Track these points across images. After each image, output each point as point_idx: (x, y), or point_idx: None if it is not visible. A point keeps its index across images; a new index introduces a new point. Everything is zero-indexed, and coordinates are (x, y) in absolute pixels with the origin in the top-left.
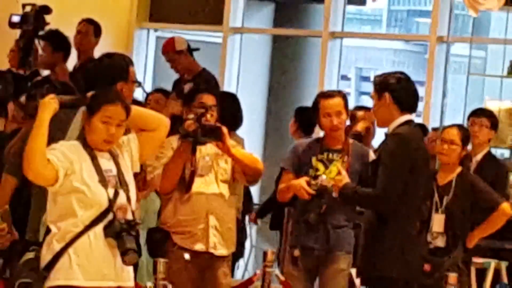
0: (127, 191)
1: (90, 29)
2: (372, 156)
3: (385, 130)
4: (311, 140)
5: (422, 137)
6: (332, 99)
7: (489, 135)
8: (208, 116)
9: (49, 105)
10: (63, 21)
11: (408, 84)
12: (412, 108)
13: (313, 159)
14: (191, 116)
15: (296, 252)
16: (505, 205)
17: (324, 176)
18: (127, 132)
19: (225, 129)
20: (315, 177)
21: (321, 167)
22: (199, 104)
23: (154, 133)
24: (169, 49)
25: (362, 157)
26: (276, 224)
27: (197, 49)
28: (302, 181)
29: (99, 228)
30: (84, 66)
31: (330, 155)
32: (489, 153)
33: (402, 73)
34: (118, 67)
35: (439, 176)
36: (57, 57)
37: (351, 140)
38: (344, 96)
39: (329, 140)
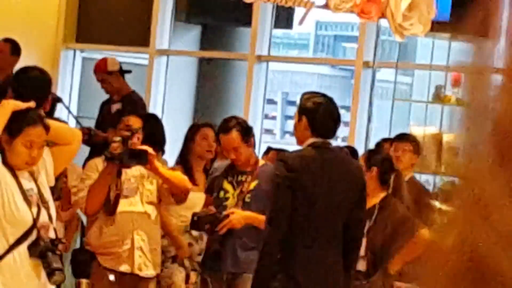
0: (47, 209)
1: (6, 47)
2: None
3: None
4: (227, 163)
5: (328, 158)
6: (226, 136)
7: (412, 159)
8: (135, 139)
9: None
10: None
11: (327, 109)
12: (326, 133)
13: (224, 181)
14: (117, 138)
15: (206, 275)
16: (423, 232)
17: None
18: None
19: (151, 150)
20: (223, 200)
21: (230, 189)
22: (125, 127)
23: (68, 146)
24: (101, 69)
25: (271, 178)
26: None
27: (129, 71)
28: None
29: (23, 247)
30: (5, 83)
31: (240, 177)
32: (412, 178)
33: (324, 96)
34: (50, 80)
35: None
36: None
37: (262, 162)
38: (239, 129)
39: (240, 164)
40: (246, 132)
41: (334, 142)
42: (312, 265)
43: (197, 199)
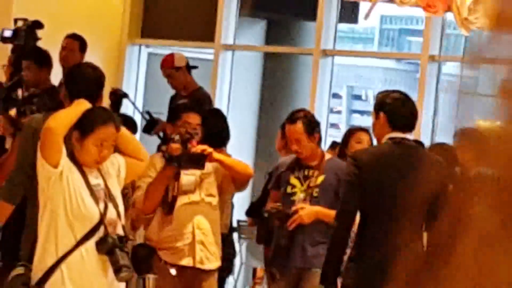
0: (116, 206)
1: (76, 44)
2: None
3: None
4: (292, 158)
5: (404, 154)
6: (292, 126)
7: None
8: (194, 142)
9: (82, 103)
10: (55, 36)
11: (403, 104)
12: (405, 127)
13: (291, 177)
14: (177, 138)
15: (274, 270)
16: None
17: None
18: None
19: (209, 150)
20: (291, 194)
21: (297, 183)
22: (184, 123)
23: (139, 162)
24: (168, 65)
25: (338, 172)
26: (261, 238)
27: (195, 67)
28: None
29: (91, 244)
30: None
31: (306, 171)
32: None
33: (400, 92)
34: (102, 77)
35: None
36: (43, 74)
37: (328, 156)
38: (305, 121)
39: (306, 158)
40: (311, 125)
41: None
42: (384, 263)
43: None
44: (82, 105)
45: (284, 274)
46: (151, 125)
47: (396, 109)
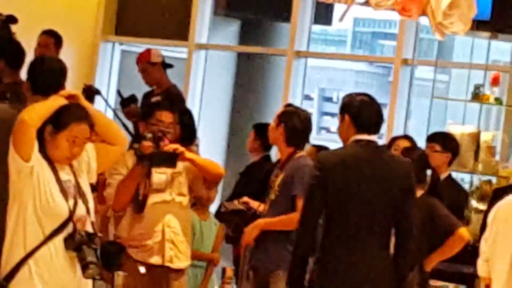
0: (86, 202)
1: (51, 41)
2: None
3: None
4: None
5: (372, 155)
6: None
7: (442, 158)
8: (166, 141)
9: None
10: (28, 31)
11: (369, 106)
12: (370, 130)
13: (271, 177)
14: (149, 135)
15: (246, 269)
16: (462, 230)
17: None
18: None
19: (181, 148)
20: (268, 194)
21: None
22: (156, 121)
23: (113, 147)
24: (144, 60)
25: (295, 169)
26: (229, 237)
27: (171, 66)
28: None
29: (59, 239)
30: None
31: (277, 171)
32: (449, 176)
33: (366, 94)
34: (63, 70)
35: None
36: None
37: (298, 154)
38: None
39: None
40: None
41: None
42: (349, 265)
43: None
44: (58, 100)
45: (255, 274)
46: (124, 103)
47: (361, 111)
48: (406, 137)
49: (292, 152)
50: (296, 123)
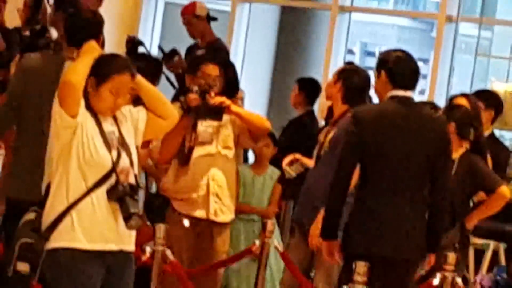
0: (129, 155)
1: None
2: None
3: None
4: None
5: (407, 112)
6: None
7: (485, 115)
8: (212, 93)
9: (94, 50)
10: None
11: (405, 62)
12: (406, 86)
13: (320, 133)
14: (195, 88)
15: (293, 224)
16: (503, 189)
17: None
18: (138, 102)
19: (227, 102)
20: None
21: (321, 138)
22: (203, 74)
23: (163, 121)
24: (189, 12)
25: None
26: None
27: (215, 19)
28: (285, 160)
29: (101, 191)
30: None
31: (328, 128)
32: (492, 134)
33: (401, 51)
34: (99, 23)
35: None
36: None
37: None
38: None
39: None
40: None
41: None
42: (383, 218)
43: None
44: (94, 52)
45: (300, 230)
46: (166, 58)
47: (397, 68)
48: (462, 95)
49: (346, 110)
50: (355, 81)
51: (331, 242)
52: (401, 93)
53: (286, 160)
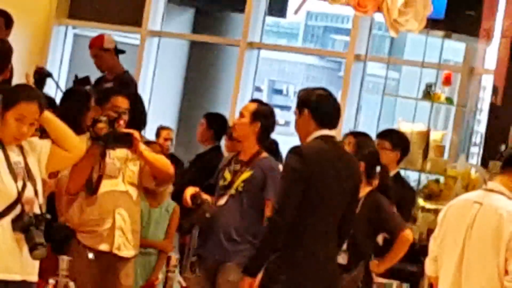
0: (34, 185)
1: (1, 21)
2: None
3: None
4: (234, 154)
5: (336, 151)
6: (248, 103)
7: (392, 156)
8: (121, 121)
9: None
10: None
11: (328, 100)
12: (330, 124)
13: (226, 170)
14: (104, 118)
15: (193, 259)
16: (406, 233)
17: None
18: (43, 135)
19: (137, 135)
20: (224, 187)
21: (228, 176)
22: (112, 107)
23: (66, 153)
24: (96, 45)
25: (266, 170)
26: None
27: (123, 52)
28: (188, 192)
29: (6, 221)
30: None
31: (238, 166)
32: (397, 174)
33: (324, 89)
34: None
35: None
36: None
37: (265, 155)
38: (259, 106)
39: (241, 152)
40: (254, 110)
41: None
42: (316, 260)
43: None
44: None
45: (202, 265)
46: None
47: (321, 106)
48: (358, 133)
49: (259, 150)
50: (271, 122)
51: (254, 279)
52: (326, 132)
53: (188, 193)
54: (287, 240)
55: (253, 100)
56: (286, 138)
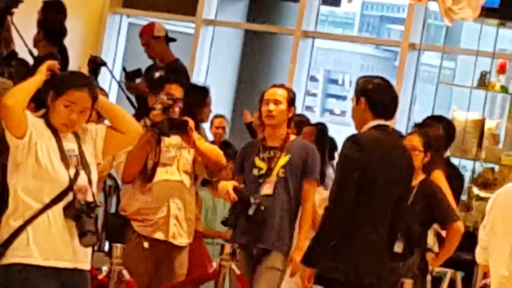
0: (88, 173)
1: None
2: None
3: None
4: (255, 140)
5: (392, 142)
6: (275, 89)
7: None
8: (176, 109)
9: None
10: (36, 1)
11: (386, 90)
12: (386, 115)
13: (256, 159)
14: (159, 106)
15: (233, 247)
16: (457, 224)
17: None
18: (100, 120)
19: (191, 123)
20: (261, 176)
21: (263, 165)
22: (167, 95)
23: (122, 136)
24: (147, 33)
25: (303, 153)
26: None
27: (174, 40)
28: (229, 185)
29: (58, 208)
30: None
31: (272, 152)
32: (446, 161)
33: (382, 78)
34: None
35: None
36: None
37: (293, 137)
38: (290, 91)
39: (269, 138)
40: (293, 96)
41: None
42: (372, 249)
43: None
44: (38, 76)
45: (246, 253)
46: (128, 77)
47: (378, 96)
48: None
49: (288, 133)
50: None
51: (313, 269)
52: (382, 122)
53: (230, 187)
54: (343, 229)
55: (279, 86)
56: (342, 128)
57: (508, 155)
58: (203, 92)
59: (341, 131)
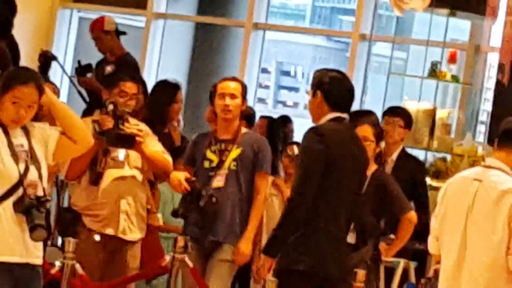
0: (38, 167)
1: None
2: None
3: None
4: (206, 133)
5: (349, 133)
6: (228, 82)
7: (403, 134)
8: (126, 123)
9: None
10: None
11: (342, 83)
12: (343, 107)
13: (207, 151)
14: (110, 107)
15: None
16: (410, 215)
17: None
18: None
19: (139, 138)
20: (212, 169)
21: (215, 158)
22: (120, 92)
23: (74, 144)
24: (97, 27)
25: (255, 145)
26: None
27: (124, 33)
28: (181, 176)
29: (8, 203)
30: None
31: (223, 145)
32: (403, 151)
33: (338, 71)
34: None
35: None
36: None
37: (244, 130)
38: (243, 84)
39: (221, 130)
40: (245, 90)
41: None
42: (333, 240)
43: None
44: None
45: (198, 246)
46: (79, 72)
47: (335, 89)
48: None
49: (239, 126)
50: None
51: (273, 260)
52: (339, 115)
53: (182, 177)
54: (306, 220)
55: (231, 79)
56: (295, 120)
57: (460, 145)
58: (173, 89)
59: (294, 122)
